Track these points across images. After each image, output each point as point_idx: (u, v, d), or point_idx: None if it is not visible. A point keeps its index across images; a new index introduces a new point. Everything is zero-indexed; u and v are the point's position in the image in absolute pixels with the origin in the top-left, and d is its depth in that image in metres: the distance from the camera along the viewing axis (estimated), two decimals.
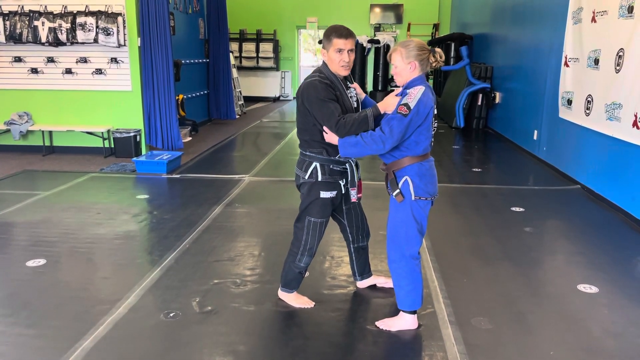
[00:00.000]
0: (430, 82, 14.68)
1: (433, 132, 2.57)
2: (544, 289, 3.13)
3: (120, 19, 6.51)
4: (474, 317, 2.77)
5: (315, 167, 2.67)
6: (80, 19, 6.52)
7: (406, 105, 2.39)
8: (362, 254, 3.05)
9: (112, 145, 6.96)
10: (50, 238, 3.92)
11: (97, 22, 6.48)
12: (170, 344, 2.50)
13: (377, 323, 2.68)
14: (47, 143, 7.07)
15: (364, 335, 2.60)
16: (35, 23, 6.58)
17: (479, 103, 9.41)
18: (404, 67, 2.47)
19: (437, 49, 2.49)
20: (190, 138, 8.30)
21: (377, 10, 15.11)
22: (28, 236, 3.99)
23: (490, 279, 3.26)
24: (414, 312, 2.65)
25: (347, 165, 2.72)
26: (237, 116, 10.82)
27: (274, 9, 15.30)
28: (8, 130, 6.98)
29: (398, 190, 2.52)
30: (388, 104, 2.52)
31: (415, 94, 2.41)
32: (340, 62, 2.57)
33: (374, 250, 3.68)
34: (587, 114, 5.14)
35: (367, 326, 2.68)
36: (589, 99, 5.10)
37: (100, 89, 6.84)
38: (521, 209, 4.65)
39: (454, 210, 4.66)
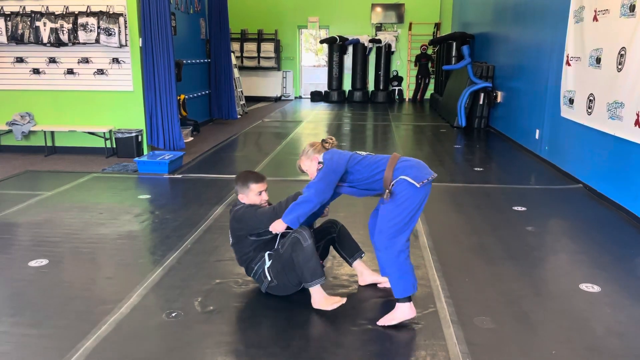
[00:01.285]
0: (432, 81, 14.68)
1: (370, 154, 2.83)
2: (546, 288, 3.13)
3: (121, 19, 6.52)
4: (476, 316, 2.77)
5: (264, 270, 2.91)
6: (81, 20, 6.53)
7: (319, 163, 2.78)
8: (343, 238, 3.11)
9: (114, 146, 6.97)
10: (53, 238, 3.93)
11: (98, 23, 6.49)
12: (172, 344, 2.51)
13: (378, 322, 2.69)
14: (49, 143, 7.09)
15: (365, 334, 2.60)
16: (37, 24, 6.59)
17: (481, 102, 9.41)
18: (313, 165, 2.83)
19: (326, 137, 2.89)
20: (191, 138, 8.30)
21: (379, 9, 15.10)
22: (31, 236, 4.00)
23: (492, 278, 3.25)
24: (409, 300, 2.67)
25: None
26: (239, 116, 10.83)
27: (275, 8, 15.30)
28: (10, 131, 6.99)
29: (387, 191, 2.65)
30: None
31: (325, 158, 2.78)
32: (262, 201, 2.96)
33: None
34: (589, 113, 5.13)
35: (368, 326, 2.68)
36: (591, 97, 5.10)
37: (101, 89, 6.85)
38: (523, 208, 4.64)
39: (455, 210, 4.66)
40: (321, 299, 2.84)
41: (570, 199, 5.03)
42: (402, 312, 2.68)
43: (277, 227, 2.78)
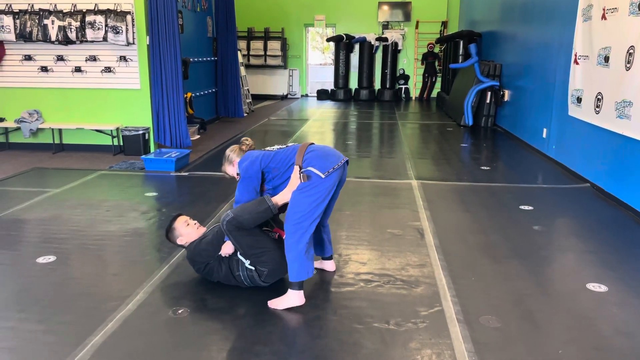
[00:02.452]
0: (439, 79, 14.64)
1: (281, 148, 3.01)
2: (552, 288, 3.12)
3: (129, 17, 6.54)
4: (482, 315, 2.76)
5: (247, 268, 2.96)
6: (89, 18, 6.56)
7: (238, 174, 3.00)
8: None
9: (121, 143, 7.00)
10: (60, 235, 3.95)
11: (106, 21, 6.52)
12: (178, 341, 2.52)
13: (269, 303, 2.84)
14: (57, 141, 7.13)
15: (371, 333, 2.60)
16: (45, 22, 6.62)
17: (488, 101, 9.37)
18: (235, 169, 3.03)
19: (243, 139, 3.14)
20: (198, 136, 8.33)
21: (385, 7, 15.07)
22: (38, 233, 4.03)
23: (499, 277, 3.24)
24: (300, 288, 2.80)
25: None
26: (245, 114, 10.84)
27: (282, 7, 15.30)
28: (18, 128, 7.04)
29: (302, 173, 2.78)
30: None
31: (241, 167, 2.95)
32: (196, 228, 3.14)
33: (381, 247, 3.69)
34: (597, 112, 5.10)
35: (374, 324, 2.68)
36: (599, 96, 5.07)
37: (109, 87, 6.88)
38: (530, 208, 4.62)
39: (462, 209, 4.64)
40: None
41: (578, 198, 5.01)
42: (291, 299, 2.81)
43: (226, 248, 2.95)
